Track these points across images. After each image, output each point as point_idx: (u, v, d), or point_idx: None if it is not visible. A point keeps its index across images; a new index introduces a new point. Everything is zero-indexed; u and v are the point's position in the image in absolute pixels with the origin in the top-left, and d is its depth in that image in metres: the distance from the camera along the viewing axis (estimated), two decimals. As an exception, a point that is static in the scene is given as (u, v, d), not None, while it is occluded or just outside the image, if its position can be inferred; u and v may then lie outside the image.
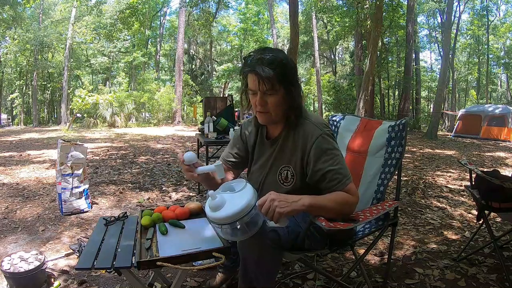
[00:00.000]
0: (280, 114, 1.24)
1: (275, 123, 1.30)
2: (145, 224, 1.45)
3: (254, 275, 1.20)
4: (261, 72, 1.15)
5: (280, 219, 1.08)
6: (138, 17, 16.93)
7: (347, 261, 2.05)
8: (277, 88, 1.18)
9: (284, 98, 1.20)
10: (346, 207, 1.19)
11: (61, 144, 2.84)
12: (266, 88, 1.17)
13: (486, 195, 1.78)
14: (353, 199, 1.20)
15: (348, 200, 1.18)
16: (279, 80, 1.16)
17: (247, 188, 1.16)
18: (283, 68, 1.16)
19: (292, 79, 1.20)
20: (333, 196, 1.18)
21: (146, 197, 3.48)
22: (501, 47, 25.57)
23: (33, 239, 2.38)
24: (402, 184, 3.95)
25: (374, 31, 10.62)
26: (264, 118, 1.26)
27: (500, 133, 11.70)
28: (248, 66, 1.18)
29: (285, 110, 1.24)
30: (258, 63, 1.16)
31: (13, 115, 29.13)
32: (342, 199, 1.18)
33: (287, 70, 1.17)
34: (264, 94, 1.20)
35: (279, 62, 1.15)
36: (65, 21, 22.52)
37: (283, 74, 1.16)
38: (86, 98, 16.18)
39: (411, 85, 17.36)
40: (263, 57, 1.16)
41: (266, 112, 1.24)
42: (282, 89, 1.19)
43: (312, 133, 1.22)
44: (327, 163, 1.20)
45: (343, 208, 1.18)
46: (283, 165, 1.29)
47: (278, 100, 1.20)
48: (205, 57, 27.35)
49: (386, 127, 1.70)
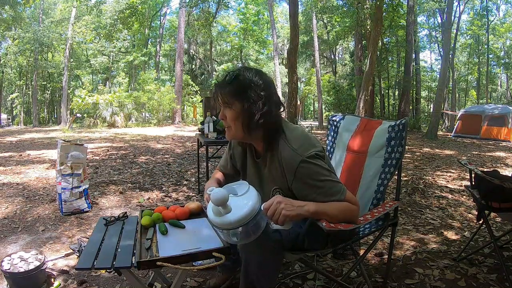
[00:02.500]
0: (240, 129, 1.23)
1: (254, 141, 1.29)
2: (145, 224, 1.45)
3: (256, 276, 1.20)
4: (217, 87, 1.23)
5: (285, 222, 1.09)
6: (138, 17, 16.92)
7: (347, 261, 2.05)
8: (231, 102, 1.20)
9: (241, 113, 1.20)
10: (349, 215, 1.20)
11: (61, 144, 2.84)
12: (222, 102, 1.22)
13: (486, 195, 1.78)
14: (355, 208, 1.22)
15: (351, 208, 1.20)
16: (232, 95, 1.19)
17: (250, 191, 1.15)
18: (238, 84, 1.18)
19: (252, 95, 1.18)
20: (338, 205, 1.18)
21: (146, 197, 3.48)
22: (501, 47, 25.58)
23: (33, 239, 2.38)
24: (402, 184, 3.95)
25: (374, 31, 10.63)
26: (227, 132, 1.28)
27: (500, 133, 11.70)
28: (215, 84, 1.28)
29: (243, 126, 1.22)
30: (221, 80, 1.24)
31: (13, 115, 29.15)
32: (345, 208, 1.19)
33: (245, 86, 1.18)
34: (224, 108, 1.24)
35: (236, 78, 1.19)
36: (65, 21, 22.52)
37: (238, 89, 1.18)
38: (86, 98, 16.21)
39: (411, 85, 17.37)
40: (227, 74, 1.23)
41: (228, 127, 1.26)
42: (237, 104, 1.19)
43: (291, 162, 1.18)
44: (313, 189, 1.17)
45: (345, 216, 1.19)
46: (274, 187, 1.28)
47: (233, 114, 1.21)
48: (205, 57, 27.37)
49: (386, 127, 1.69)
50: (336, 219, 1.17)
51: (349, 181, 1.80)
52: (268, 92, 1.21)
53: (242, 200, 1.12)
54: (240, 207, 1.08)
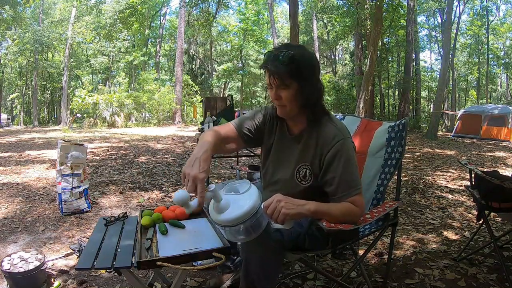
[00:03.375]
0: (295, 109, 1.25)
1: (293, 118, 1.31)
2: (145, 224, 1.45)
3: (256, 276, 1.20)
4: (271, 67, 1.19)
5: (285, 221, 1.08)
6: (138, 17, 16.92)
7: (347, 261, 2.05)
8: (288, 83, 1.20)
9: (298, 93, 1.21)
10: (349, 218, 1.19)
11: (61, 144, 2.84)
12: (277, 83, 1.20)
13: (486, 195, 1.78)
14: (357, 211, 1.20)
15: (352, 211, 1.19)
16: (290, 76, 1.18)
17: (252, 189, 1.16)
18: (295, 64, 1.17)
19: (307, 75, 1.20)
20: (339, 206, 1.18)
21: (146, 197, 3.48)
22: (501, 47, 25.58)
23: (33, 239, 2.38)
24: (402, 184, 3.95)
25: (374, 31, 10.64)
26: (281, 110, 1.28)
27: (500, 133, 11.70)
28: (264, 62, 1.23)
29: (300, 105, 1.25)
30: (271, 59, 1.19)
31: (13, 115, 29.16)
32: (346, 210, 1.18)
33: (300, 66, 1.18)
34: (277, 89, 1.22)
35: (292, 58, 1.17)
36: (65, 21, 22.52)
37: (296, 69, 1.17)
38: (86, 98, 16.20)
39: (411, 85, 17.36)
40: (278, 53, 1.19)
41: (282, 106, 1.26)
42: (295, 84, 1.20)
43: (334, 137, 1.23)
44: (339, 170, 1.20)
45: (346, 219, 1.18)
46: (303, 163, 1.29)
47: (291, 94, 1.21)
48: (205, 57, 27.37)
49: (386, 127, 1.70)
50: (336, 220, 1.16)
51: (349, 181, 1.80)
52: (319, 70, 1.27)
53: (243, 197, 1.12)
54: (241, 205, 1.09)
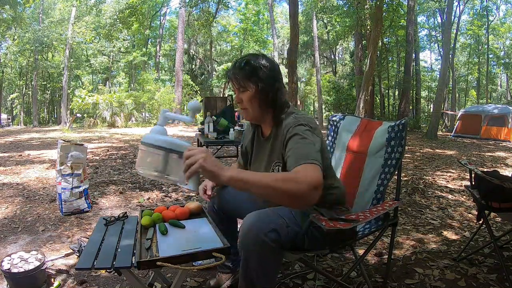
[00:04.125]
0: (256, 109, 1.34)
1: (262, 121, 1.40)
2: (145, 224, 1.45)
3: (255, 275, 1.20)
4: (229, 74, 1.34)
5: (192, 178, 1.06)
6: (138, 17, 16.91)
7: (347, 261, 2.05)
8: (245, 85, 1.30)
9: (256, 94, 1.30)
10: (287, 185, 0.97)
11: (61, 144, 2.84)
12: (237, 86, 1.32)
13: (486, 195, 1.78)
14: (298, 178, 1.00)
15: (289, 177, 1.01)
16: (247, 78, 1.29)
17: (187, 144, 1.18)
18: (250, 67, 1.29)
19: (263, 76, 1.29)
20: (273, 174, 1.12)
21: (146, 197, 3.48)
22: (501, 47, 25.58)
23: (33, 239, 2.38)
24: (402, 184, 3.95)
25: (374, 31, 10.63)
26: (245, 114, 1.39)
27: (500, 133, 11.70)
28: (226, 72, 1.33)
29: (260, 105, 1.33)
30: (232, 67, 1.34)
31: (13, 115, 29.17)
32: (282, 176, 1.03)
33: (255, 68, 1.29)
34: (238, 92, 1.34)
35: (247, 62, 1.30)
36: (65, 21, 22.51)
37: (251, 72, 1.29)
38: (86, 98, 16.20)
39: (411, 85, 17.36)
40: (236, 61, 1.34)
41: (245, 109, 1.36)
42: (252, 86, 1.30)
43: (290, 124, 1.26)
44: (292, 146, 1.18)
45: (283, 185, 0.97)
46: (275, 161, 1.35)
47: (249, 96, 1.31)
48: (205, 57, 27.36)
49: (386, 127, 1.70)
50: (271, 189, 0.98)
51: (349, 181, 1.80)
52: (277, 72, 1.34)
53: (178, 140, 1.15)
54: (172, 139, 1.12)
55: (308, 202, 0.99)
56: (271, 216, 1.21)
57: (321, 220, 1.15)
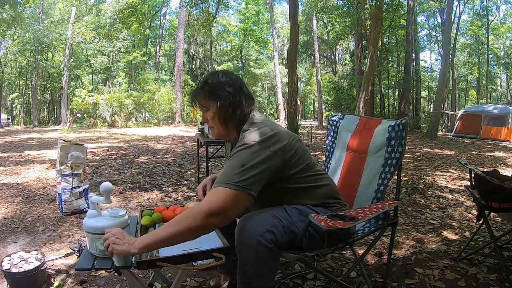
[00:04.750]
0: (220, 126, 1.35)
1: (224, 136, 1.40)
2: (145, 224, 1.45)
3: (253, 277, 1.20)
4: (192, 96, 1.38)
5: (116, 256, 1.13)
6: (138, 17, 16.93)
7: (347, 261, 2.05)
8: (206, 104, 1.33)
9: (217, 111, 1.32)
10: (184, 223, 1.08)
11: (61, 144, 2.84)
12: (200, 107, 1.37)
13: (486, 195, 1.78)
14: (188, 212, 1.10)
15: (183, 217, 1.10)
16: (206, 98, 1.32)
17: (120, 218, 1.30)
18: (209, 86, 1.32)
19: (222, 93, 1.30)
20: (170, 221, 1.14)
21: (146, 197, 3.48)
22: (501, 47, 25.58)
23: (33, 239, 2.38)
24: (402, 184, 3.95)
25: (374, 31, 10.63)
26: (213, 132, 1.41)
27: (500, 133, 11.70)
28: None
29: (222, 122, 1.34)
30: (195, 89, 1.38)
31: (13, 115, 29.15)
32: (176, 220, 1.11)
33: (214, 86, 1.31)
34: (203, 112, 1.38)
35: (205, 82, 1.33)
36: (65, 21, 22.51)
37: (210, 92, 1.31)
38: (86, 98, 16.19)
39: (411, 85, 17.36)
40: (198, 81, 1.37)
41: (212, 127, 1.39)
42: (212, 104, 1.32)
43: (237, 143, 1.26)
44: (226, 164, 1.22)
45: (182, 226, 1.08)
46: None
47: (212, 114, 1.34)
48: (205, 57, 27.34)
49: (386, 126, 1.70)
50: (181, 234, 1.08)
51: (349, 180, 1.80)
52: (236, 87, 1.33)
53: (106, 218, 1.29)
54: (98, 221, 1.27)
55: (210, 229, 1.14)
56: (266, 217, 1.21)
57: (319, 220, 1.15)
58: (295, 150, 1.28)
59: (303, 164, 1.32)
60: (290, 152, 1.26)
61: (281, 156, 1.23)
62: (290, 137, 1.28)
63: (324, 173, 1.46)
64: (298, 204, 1.33)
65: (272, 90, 33.44)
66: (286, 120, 10.74)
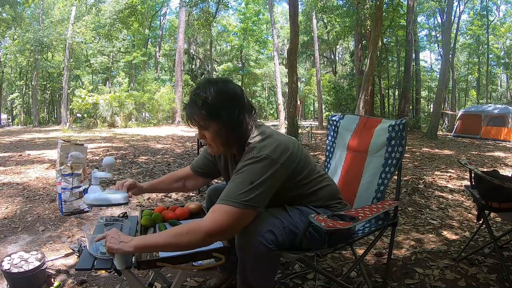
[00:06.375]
0: (220, 145, 1.25)
1: (225, 153, 1.36)
2: (145, 224, 1.45)
3: (253, 277, 1.20)
4: (188, 112, 1.22)
5: (116, 260, 1.13)
6: (137, 17, 16.91)
7: (347, 261, 2.05)
8: (206, 125, 1.20)
9: (218, 131, 1.20)
10: (182, 238, 1.09)
11: (61, 144, 2.84)
12: (197, 126, 1.22)
13: (486, 195, 1.78)
14: (190, 228, 1.11)
15: (182, 231, 1.11)
16: (207, 119, 1.18)
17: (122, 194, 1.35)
18: (209, 107, 1.16)
19: (224, 113, 1.17)
20: (170, 230, 1.16)
21: (146, 197, 3.48)
22: (501, 47, 25.57)
23: (33, 239, 2.38)
24: (402, 184, 3.95)
25: (374, 31, 10.62)
26: (211, 150, 1.31)
27: (500, 133, 11.70)
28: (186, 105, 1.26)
29: (224, 142, 1.24)
30: (189, 104, 1.21)
31: (13, 115, 29.17)
32: (177, 232, 1.12)
33: (215, 106, 1.16)
34: (200, 129, 1.24)
35: (205, 101, 1.16)
36: (64, 21, 22.51)
37: (211, 112, 1.17)
38: (86, 98, 16.20)
39: (411, 85, 17.36)
40: (193, 96, 1.20)
41: (209, 145, 1.28)
42: (213, 125, 1.20)
43: (243, 158, 1.20)
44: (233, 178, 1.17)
45: (177, 241, 1.09)
46: None
47: (212, 135, 1.22)
48: (205, 57, 27.35)
49: (386, 126, 1.70)
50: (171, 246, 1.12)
51: (349, 180, 1.80)
52: (238, 103, 1.21)
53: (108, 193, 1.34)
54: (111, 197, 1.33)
55: (208, 245, 1.16)
56: (266, 217, 1.20)
57: (319, 220, 1.15)
58: (299, 158, 1.26)
59: (306, 170, 1.30)
60: (295, 161, 1.25)
61: (289, 166, 1.21)
62: (293, 145, 1.25)
63: (325, 173, 1.46)
64: (300, 205, 1.33)
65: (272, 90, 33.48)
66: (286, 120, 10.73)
